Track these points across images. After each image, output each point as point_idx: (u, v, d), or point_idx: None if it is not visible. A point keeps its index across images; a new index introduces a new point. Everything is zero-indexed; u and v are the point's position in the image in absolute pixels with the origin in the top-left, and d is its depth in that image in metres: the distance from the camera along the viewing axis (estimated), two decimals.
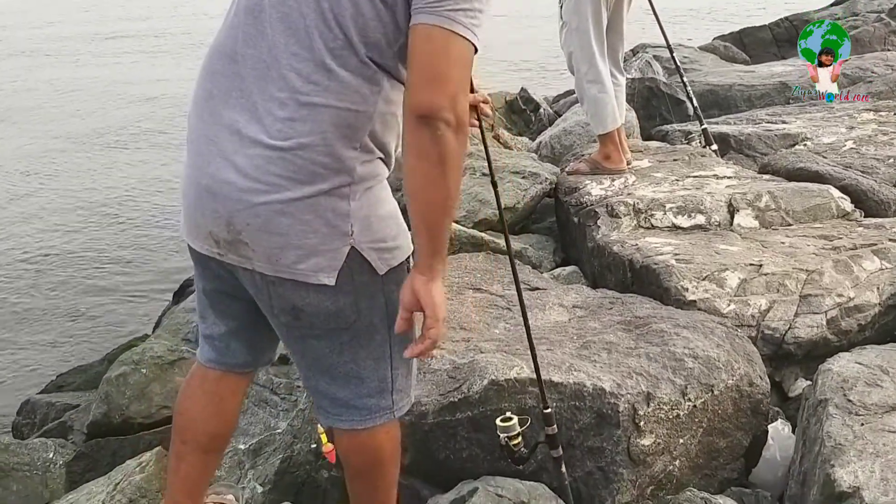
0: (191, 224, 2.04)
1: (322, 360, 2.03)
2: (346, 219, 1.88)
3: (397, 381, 2.08)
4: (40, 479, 4.29)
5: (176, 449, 2.29)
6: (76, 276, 10.07)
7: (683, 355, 3.07)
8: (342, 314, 1.96)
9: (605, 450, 2.87)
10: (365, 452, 2.16)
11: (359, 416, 2.08)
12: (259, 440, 3.70)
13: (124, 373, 4.58)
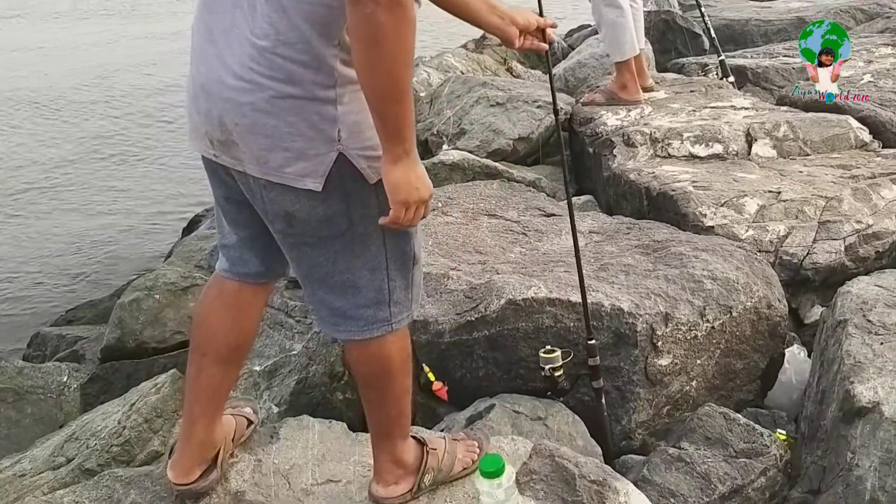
0: (190, 125, 2.03)
1: (318, 268, 2.01)
2: (333, 123, 1.84)
3: (395, 292, 2.06)
4: (54, 401, 4.31)
5: (195, 360, 2.28)
6: (86, 211, 10.05)
7: (702, 277, 3.05)
8: (334, 222, 1.93)
9: (623, 369, 2.86)
10: (372, 363, 2.14)
11: (356, 327, 2.06)
12: (274, 362, 3.70)
13: (137, 298, 4.57)
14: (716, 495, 2.44)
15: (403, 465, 2.23)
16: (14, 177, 10.85)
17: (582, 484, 2.09)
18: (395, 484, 2.23)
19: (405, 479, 2.23)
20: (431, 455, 2.25)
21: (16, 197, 10.39)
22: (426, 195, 1.86)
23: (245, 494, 2.25)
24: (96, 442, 3.44)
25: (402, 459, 2.23)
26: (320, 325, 2.17)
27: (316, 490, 2.29)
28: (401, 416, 2.24)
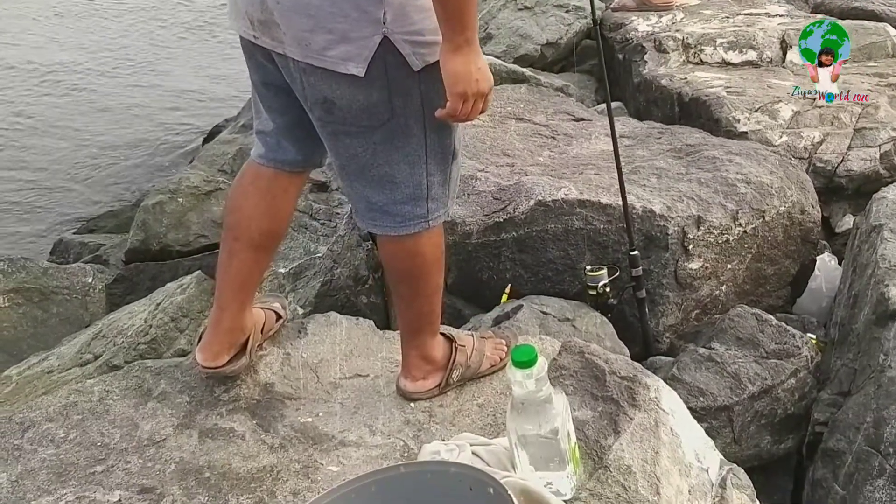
0: (231, 3, 1.97)
1: (356, 160, 1.96)
2: (379, 5, 1.76)
3: (433, 188, 2.00)
4: (80, 302, 4.33)
5: (227, 245, 2.26)
6: (108, 120, 10.00)
7: (736, 180, 2.99)
8: (375, 111, 1.87)
9: (653, 273, 2.83)
10: (406, 259, 2.10)
11: (392, 223, 2.02)
12: (299, 264, 3.70)
13: (161, 201, 4.56)
14: (745, 395, 2.43)
15: (432, 361, 2.22)
16: (35, 83, 10.78)
17: (612, 380, 2.08)
18: (424, 379, 2.22)
19: (433, 375, 2.22)
20: (460, 352, 2.24)
21: (36, 104, 10.34)
22: (486, 88, 1.77)
23: (274, 386, 2.25)
24: (123, 340, 3.46)
25: (430, 355, 2.22)
26: (357, 218, 2.13)
27: (344, 384, 2.29)
28: (431, 312, 2.21)
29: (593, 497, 1.79)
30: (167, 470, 1.98)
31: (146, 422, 2.14)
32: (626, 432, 1.94)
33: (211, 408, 2.18)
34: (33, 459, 2.03)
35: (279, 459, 2.01)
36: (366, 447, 2.05)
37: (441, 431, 2.10)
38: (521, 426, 1.76)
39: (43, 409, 2.20)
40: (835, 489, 2.22)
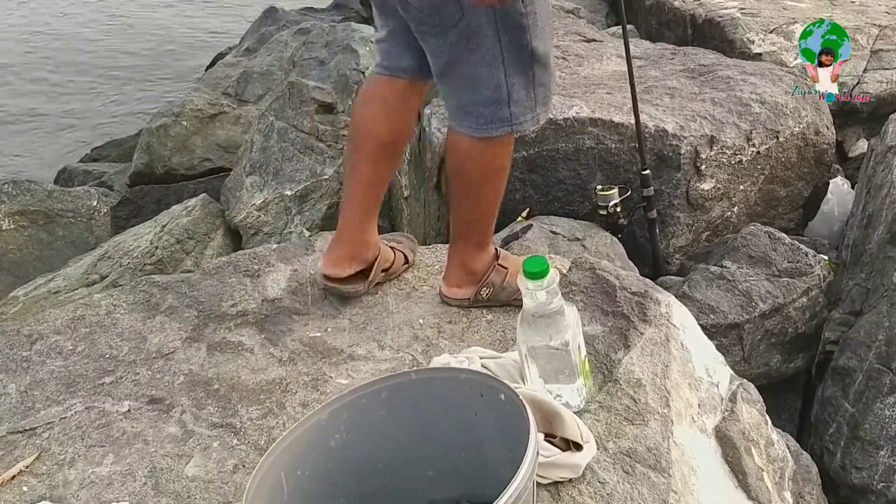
0: None
1: (439, 59, 1.94)
2: None
3: (514, 91, 1.95)
4: (85, 225, 4.33)
5: (349, 156, 2.23)
6: (110, 50, 9.88)
7: (750, 100, 2.94)
8: (445, 11, 1.83)
9: (664, 193, 2.80)
10: (477, 161, 2.05)
11: (475, 124, 1.98)
12: (305, 186, 3.67)
13: (165, 124, 4.53)
14: (756, 313, 2.42)
15: (471, 271, 2.17)
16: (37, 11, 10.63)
17: (622, 295, 2.05)
18: (458, 287, 2.19)
19: (467, 286, 2.18)
20: (497, 271, 2.19)
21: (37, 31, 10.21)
22: None
23: (282, 302, 2.24)
24: (129, 261, 3.47)
25: (470, 266, 2.17)
26: (448, 117, 2.10)
27: (352, 300, 2.27)
28: (484, 223, 2.15)
29: (603, 409, 1.78)
30: (176, 381, 1.97)
31: (154, 335, 2.13)
32: (636, 346, 1.93)
33: (219, 322, 2.17)
34: (42, 371, 2.02)
35: (288, 372, 2.00)
36: (374, 361, 2.04)
37: (450, 347, 2.09)
38: (532, 338, 1.74)
39: (51, 322, 2.19)
40: (844, 407, 2.22)
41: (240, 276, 2.34)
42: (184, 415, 1.87)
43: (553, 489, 1.58)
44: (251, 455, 1.74)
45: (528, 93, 1.96)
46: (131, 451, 1.76)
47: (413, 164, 3.36)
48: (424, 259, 2.46)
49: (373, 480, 1.43)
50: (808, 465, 2.01)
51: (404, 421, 1.42)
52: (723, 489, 1.76)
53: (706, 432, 1.83)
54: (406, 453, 1.43)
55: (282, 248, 2.45)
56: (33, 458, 1.74)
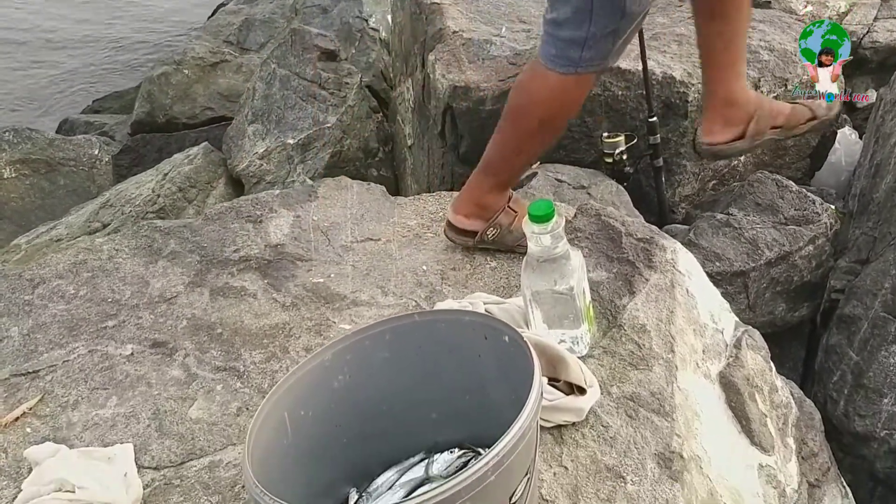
0: None
1: None
2: None
3: (593, 37, 1.91)
4: (87, 174, 4.31)
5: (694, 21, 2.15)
6: (110, 7, 9.78)
7: (759, 48, 2.89)
8: None
9: (670, 141, 2.77)
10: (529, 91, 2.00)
11: (547, 54, 1.93)
12: (308, 135, 3.64)
13: (166, 73, 4.48)
14: (762, 261, 2.40)
15: (483, 205, 2.12)
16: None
17: (628, 241, 2.04)
18: (466, 218, 2.16)
19: (475, 219, 2.14)
20: (506, 213, 2.15)
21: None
22: None
23: (285, 248, 2.23)
24: (131, 209, 3.45)
25: (483, 200, 2.12)
26: None
27: (355, 247, 2.26)
28: (511, 162, 2.10)
29: (607, 354, 1.78)
30: (179, 326, 1.97)
31: (157, 279, 2.12)
32: (641, 292, 1.92)
33: (222, 267, 2.16)
34: (44, 314, 2.02)
35: (291, 317, 1.99)
36: (378, 307, 2.04)
37: (454, 293, 2.08)
38: (536, 283, 1.73)
39: (53, 266, 2.18)
40: (849, 355, 2.21)
41: (242, 221, 2.33)
42: (187, 358, 1.86)
43: (556, 432, 1.58)
44: (254, 398, 1.74)
45: (606, 43, 1.92)
46: (135, 394, 1.76)
47: (417, 111, 3.33)
48: (427, 206, 2.44)
49: (376, 422, 1.43)
50: (811, 412, 2.01)
51: (408, 363, 1.42)
52: (726, 434, 1.76)
53: (710, 378, 1.82)
54: (409, 395, 1.43)
55: (284, 194, 2.43)
56: (37, 400, 1.74)
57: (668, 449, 1.55)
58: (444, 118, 2.95)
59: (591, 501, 1.45)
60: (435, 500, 1.00)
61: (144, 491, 1.51)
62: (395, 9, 3.79)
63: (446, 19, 3.17)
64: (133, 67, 8.55)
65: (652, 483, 1.48)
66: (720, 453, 1.68)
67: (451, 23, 3.14)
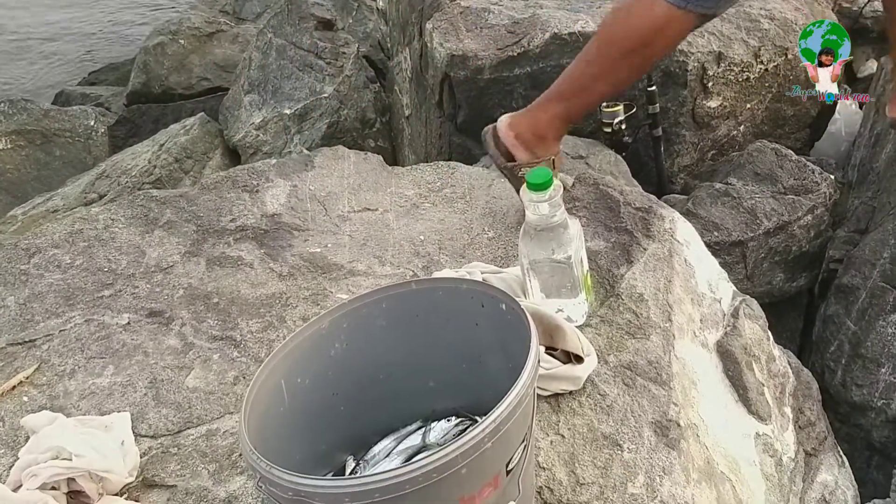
0: None
1: None
2: None
3: None
4: (83, 145, 4.29)
5: None
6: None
7: (759, 16, 2.87)
8: None
9: (669, 111, 2.75)
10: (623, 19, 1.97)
11: None
12: (304, 105, 3.61)
13: (162, 43, 4.44)
14: (760, 231, 2.39)
15: (538, 136, 2.06)
16: None
17: (626, 211, 2.03)
18: (516, 139, 2.08)
19: (522, 149, 2.08)
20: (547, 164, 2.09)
21: None
22: None
23: (281, 217, 2.21)
24: (127, 179, 3.44)
25: (540, 129, 2.06)
26: None
27: (352, 217, 2.25)
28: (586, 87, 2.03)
29: (604, 323, 1.77)
30: (175, 295, 1.96)
31: (153, 249, 2.11)
32: (639, 262, 1.91)
33: (218, 237, 2.15)
34: (40, 284, 2.01)
35: (288, 287, 1.99)
36: (375, 276, 2.03)
37: (451, 263, 2.07)
38: (534, 251, 1.72)
39: (48, 235, 2.17)
40: (847, 324, 2.21)
41: (238, 191, 2.31)
42: (183, 327, 1.86)
43: (553, 401, 1.58)
44: (251, 367, 1.74)
45: None
46: (131, 363, 1.76)
47: (414, 81, 3.30)
48: (425, 176, 2.43)
49: (373, 390, 1.43)
50: (808, 382, 2.01)
51: (405, 331, 1.41)
52: (723, 403, 1.76)
53: (707, 347, 1.82)
54: (406, 364, 1.42)
55: (281, 164, 2.42)
56: (33, 370, 1.74)
57: (665, 417, 1.55)
58: (441, 88, 2.93)
59: (587, 469, 1.45)
60: (432, 466, 1.00)
61: (142, 459, 1.51)
62: None
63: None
64: (130, 37, 8.49)
65: (649, 451, 1.48)
66: (717, 422, 1.68)
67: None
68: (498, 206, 2.27)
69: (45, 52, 8.54)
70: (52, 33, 8.80)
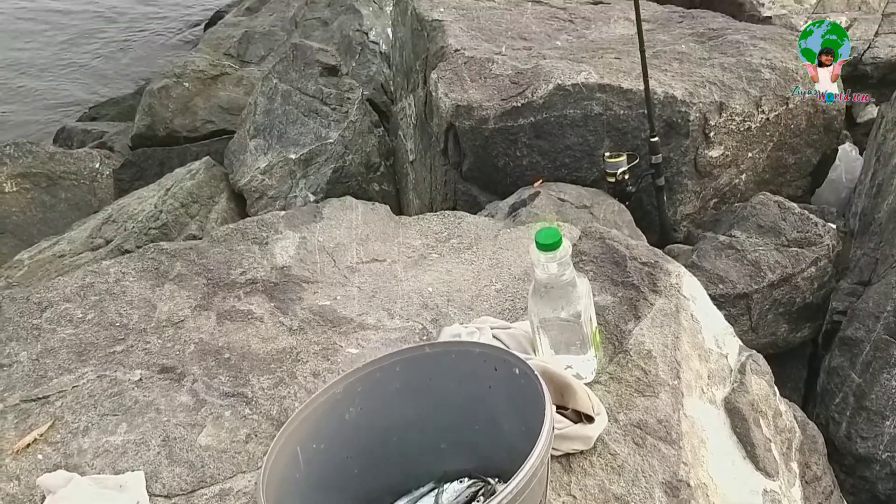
0: None
1: None
2: None
3: None
4: (88, 187, 4.31)
5: None
6: (106, 11, 9.78)
7: (760, 66, 2.91)
8: None
9: (671, 160, 2.78)
10: None
11: None
12: (310, 150, 3.65)
13: (167, 86, 4.48)
14: (765, 283, 2.42)
15: None
16: None
17: (633, 265, 2.05)
18: None
19: None
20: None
21: None
22: None
23: (291, 269, 2.23)
24: (134, 224, 3.45)
25: None
26: None
27: (361, 268, 2.27)
28: None
29: (613, 380, 1.79)
30: (187, 350, 1.97)
31: (164, 303, 2.13)
32: (646, 317, 1.93)
33: (228, 290, 2.16)
34: (53, 339, 2.02)
35: (298, 341, 2.00)
36: (384, 330, 2.04)
37: (459, 316, 2.08)
38: (543, 310, 1.74)
39: (60, 289, 2.18)
40: (851, 377, 2.22)
41: (248, 243, 2.33)
42: (195, 384, 1.87)
43: (565, 461, 1.59)
44: (263, 424, 1.75)
45: None
46: (144, 420, 1.76)
47: (419, 128, 3.34)
48: (432, 226, 2.45)
49: (386, 452, 1.44)
50: (814, 436, 2.02)
51: (419, 394, 1.43)
52: (731, 460, 1.77)
53: (716, 404, 1.83)
54: (420, 426, 1.44)
55: (290, 216, 2.44)
56: (47, 427, 1.74)
57: (675, 477, 1.56)
58: (446, 136, 2.97)
59: None
60: None
61: None
62: (396, 23, 3.80)
63: (448, 37, 3.19)
64: (128, 74, 8.55)
65: None
66: (726, 480, 1.69)
67: (453, 41, 3.16)
68: (504, 258, 2.28)
69: (44, 87, 8.58)
70: (47, 66, 8.85)
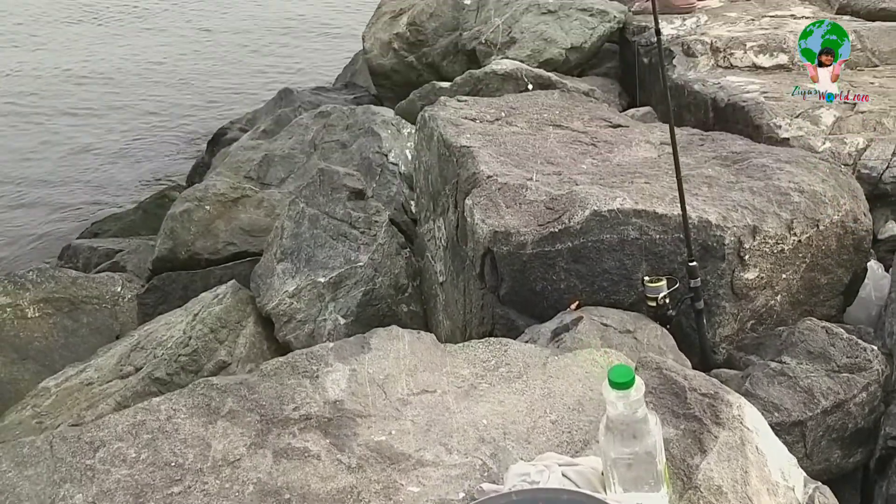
0: None
1: None
2: None
3: None
4: (110, 311, 4.31)
5: None
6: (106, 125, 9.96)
7: (789, 189, 2.97)
8: None
9: (709, 283, 2.81)
10: None
11: None
12: (339, 273, 3.66)
13: (188, 209, 4.53)
14: (818, 410, 2.41)
15: None
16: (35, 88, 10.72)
17: (693, 397, 2.05)
18: None
19: None
20: None
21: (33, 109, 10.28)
22: None
23: (343, 403, 2.22)
24: (163, 352, 3.44)
25: None
26: None
27: (412, 400, 2.26)
28: None
29: None
30: (246, 491, 1.95)
31: (218, 441, 2.10)
32: (712, 451, 1.91)
33: (283, 426, 2.15)
34: (108, 480, 1.99)
35: (358, 480, 1.98)
36: (444, 466, 2.02)
37: (517, 449, 2.07)
38: (616, 447, 1.73)
39: (111, 427, 2.16)
40: None
41: (298, 377, 2.32)
42: None
43: None
44: None
45: None
46: None
47: (450, 250, 3.37)
48: (479, 354, 2.45)
49: None
50: None
51: None
52: None
53: None
54: None
55: (338, 347, 2.44)
56: None
57: None
58: (483, 261, 2.99)
59: None
60: None
61: None
62: (421, 147, 3.88)
63: (478, 163, 3.25)
64: (125, 184, 8.65)
65: None
66: None
67: (484, 167, 3.22)
68: (556, 387, 2.28)
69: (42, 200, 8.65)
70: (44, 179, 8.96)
